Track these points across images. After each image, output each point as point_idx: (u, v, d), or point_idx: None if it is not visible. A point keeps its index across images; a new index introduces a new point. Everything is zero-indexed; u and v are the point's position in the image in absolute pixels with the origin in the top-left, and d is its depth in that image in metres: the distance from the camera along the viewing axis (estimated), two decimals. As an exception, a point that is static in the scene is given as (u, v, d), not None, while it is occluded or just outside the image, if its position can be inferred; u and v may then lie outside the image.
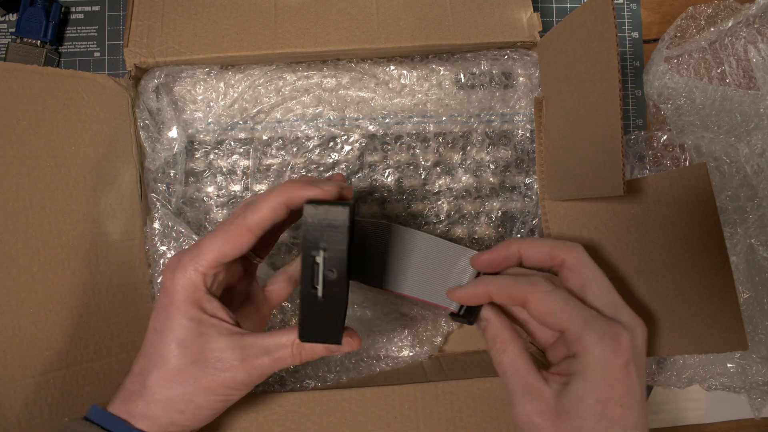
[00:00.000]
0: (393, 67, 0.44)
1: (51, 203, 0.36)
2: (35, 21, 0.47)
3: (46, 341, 0.35)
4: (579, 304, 0.30)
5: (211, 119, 0.43)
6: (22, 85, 0.36)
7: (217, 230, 0.31)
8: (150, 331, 0.32)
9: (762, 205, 0.47)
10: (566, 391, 0.29)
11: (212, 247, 0.30)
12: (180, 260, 0.31)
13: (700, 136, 0.49)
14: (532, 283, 0.31)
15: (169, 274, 0.31)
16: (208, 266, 0.31)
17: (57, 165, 0.37)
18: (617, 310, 0.31)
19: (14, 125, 0.35)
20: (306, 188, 0.31)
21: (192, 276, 0.31)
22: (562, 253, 0.33)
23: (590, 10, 0.35)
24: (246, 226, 0.30)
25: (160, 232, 0.41)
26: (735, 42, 0.50)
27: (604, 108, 0.34)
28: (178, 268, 0.31)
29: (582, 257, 0.33)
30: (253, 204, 0.31)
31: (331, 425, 0.38)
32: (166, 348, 0.30)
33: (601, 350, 0.29)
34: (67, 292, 0.37)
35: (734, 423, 0.53)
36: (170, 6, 0.42)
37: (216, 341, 0.31)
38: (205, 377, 0.30)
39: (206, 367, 0.30)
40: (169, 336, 0.30)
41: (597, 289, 0.32)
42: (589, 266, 0.33)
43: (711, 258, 0.38)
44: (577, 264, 0.32)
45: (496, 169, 0.45)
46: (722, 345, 0.37)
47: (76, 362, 0.37)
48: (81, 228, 0.38)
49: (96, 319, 0.38)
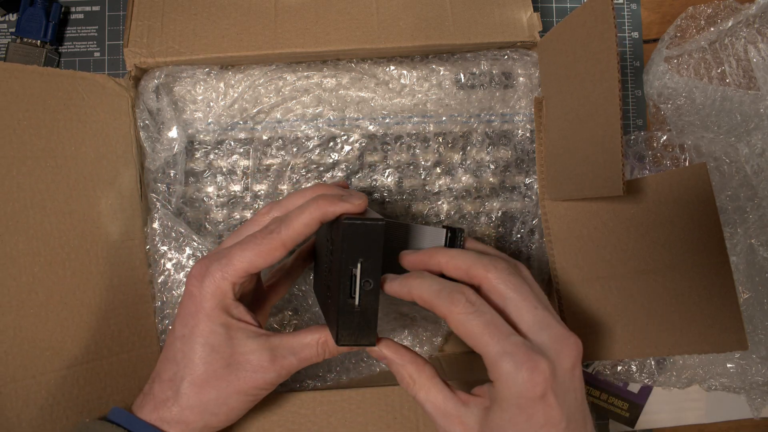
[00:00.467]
0: (393, 67, 0.44)
1: (51, 203, 0.36)
2: (35, 21, 0.47)
3: (47, 342, 0.35)
4: (498, 329, 0.29)
5: (211, 119, 0.43)
6: (23, 86, 0.36)
7: (249, 242, 0.31)
8: (178, 339, 0.32)
9: (762, 205, 0.47)
10: (487, 420, 0.29)
11: (243, 257, 0.31)
12: (208, 268, 0.31)
13: (700, 136, 0.49)
14: (452, 302, 0.29)
15: (197, 282, 0.31)
16: (237, 276, 0.31)
17: (57, 165, 0.37)
18: (542, 330, 0.29)
19: (15, 125, 0.35)
20: (338, 204, 0.31)
21: (221, 284, 0.31)
22: (479, 273, 0.31)
23: (590, 10, 0.35)
24: (281, 241, 0.31)
25: (160, 232, 0.41)
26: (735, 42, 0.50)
27: (603, 108, 0.34)
28: (207, 276, 0.31)
29: (500, 278, 0.30)
30: (288, 220, 0.31)
31: (331, 425, 0.38)
32: (198, 354, 0.31)
33: (516, 381, 0.27)
34: (68, 293, 0.37)
35: (734, 423, 0.53)
36: (170, 6, 0.42)
37: (245, 344, 0.32)
38: (238, 380, 0.31)
39: (238, 370, 0.31)
40: (199, 342, 0.31)
41: (518, 309, 0.30)
42: (509, 285, 0.30)
43: (711, 258, 0.38)
44: (494, 285, 0.30)
45: (496, 169, 0.45)
46: (722, 345, 0.37)
47: (77, 362, 0.37)
48: (81, 228, 0.38)
49: (96, 319, 0.38)
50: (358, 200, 0.31)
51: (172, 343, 0.32)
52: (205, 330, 0.31)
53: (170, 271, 0.41)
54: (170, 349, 0.32)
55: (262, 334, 0.32)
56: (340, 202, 0.31)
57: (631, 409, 0.52)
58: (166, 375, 0.32)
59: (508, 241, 0.46)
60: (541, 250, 0.46)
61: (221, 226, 0.44)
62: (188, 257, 0.41)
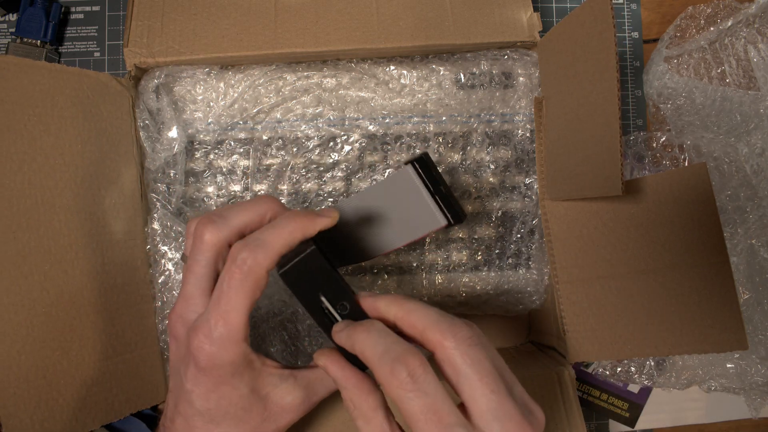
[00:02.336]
0: (393, 67, 0.44)
1: (60, 201, 0.36)
2: (35, 21, 0.47)
3: (57, 342, 0.35)
4: (439, 417, 0.25)
5: (211, 119, 0.43)
6: (32, 81, 0.35)
7: (233, 287, 0.28)
8: (202, 414, 0.29)
9: (762, 205, 0.47)
10: None
11: (239, 306, 0.28)
12: (209, 337, 0.28)
13: (700, 136, 0.49)
14: (393, 372, 0.25)
15: (203, 352, 0.28)
16: (245, 333, 0.28)
17: (65, 163, 0.37)
18: (496, 421, 0.25)
19: (26, 121, 0.35)
20: (317, 220, 0.29)
21: (237, 348, 0.28)
22: (434, 338, 0.26)
23: (589, 10, 0.35)
24: (263, 269, 0.28)
25: (160, 233, 0.41)
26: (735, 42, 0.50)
27: (603, 108, 0.34)
28: (214, 344, 0.28)
29: (457, 349, 0.26)
30: (263, 245, 0.28)
31: (331, 425, 0.38)
32: (232, 425, 0.29)
33: None
34: (77, 292, 0.37)
35: (734, 423, 0.53)
36: (170, 6, 0.42)
37: (275, 393, 0.30)
38: (277, 426, 0.30)
39: (277, 420, 0.30)
40: (230, 413, 0.29)
41: (472, 390, 0.25)
42: (467, 359, 0.26)
43: (711, 258, 0.38)
44: (450, 357, 0.26)
45: (496, 169, 0.45)
46: (722, 345, 0.37)
47: (85, 363, 0.37)
48: (88, 227, 0.38)
49: (102, 319, 0.38)
50: (332, 213, 0.30)
51: (193, 417, 0.29)
52: (233, 400, 0.29)
53: (170, 271, 0.41)
54: (193, 423, 0.29)
55: (287, 375, 0.30)
56: (319, 218, 0.29)
57: (631, 409, 0.52)
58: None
59: (508, 241, 0.46)
60: (541, 250, 0.46)
61: (221, 226, 0.44)
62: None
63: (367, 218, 0.34)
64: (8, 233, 0.33)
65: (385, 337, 0.27)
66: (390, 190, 0.33)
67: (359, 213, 0.34)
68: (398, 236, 0.34)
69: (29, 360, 0.34)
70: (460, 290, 0.46)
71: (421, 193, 0.32)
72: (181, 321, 0.30)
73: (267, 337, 0.43)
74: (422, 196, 0.32)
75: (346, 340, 0.28)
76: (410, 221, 0.33)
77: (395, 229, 0.34)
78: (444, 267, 0.45)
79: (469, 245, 0.45)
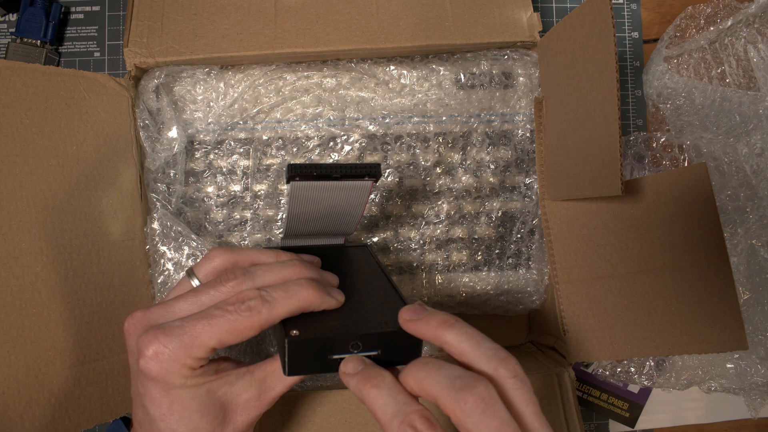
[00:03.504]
0: (393, 67, 0.44)
1: (54, 202, 0.36)
2: (35, 21, 0.47)
3: (50, 342, 0.35)
4: None
5: (211, 119, 0.43)
6: (25, 84, 0.36)
7: (219, 316, 0.28)
8: (157, 419, 0.28)
9: (762, 205, 0.47)
10: None
11: (212, 335, 0.28)
12: (165, 347, 0.27)
13: (699, 136, 0.49)
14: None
15: (154, 363, 0.27)
16: (204, 353, 0.28)
17: (59, 164, 0.37)
18: None
19: (18, 124, 0.35)
20: (326, 299, 0.30)
21: (187, 362, 0.28)
22: (448, 405, 0.25)
23: (588, 9, 0.35)
24: (259, 322, 0.28)
25: (159, 233, 0.41)
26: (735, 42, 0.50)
27: (602, 108, 0.34)
28: (165, 355, 0.27)
29: (467, 417, 0.24)
30: (274, 301, 0.28)
31: (331, 425, 0.38)
32: (189, 426, 0.29)
33: None
34: (70, 292, 0.37)
35: (734, 423, 0.53)
36: (170, 6, 0.42)
37: (231, 391, 0.30)
38: (236, 428, 0.30)
39: (233, 419, 0.30)
40: (185, 416, 0.28)
41: None
42: (478, 429, 0.24)
43: (711, 258, 0.38)
44: (461, 424, 0.25)
45: (496, 169, 0.45)
46: (722, 345, 0.37)
47: (79, 363, 0.37)
48: (83, 228, 0.38)
49: (98, 319, 0.38)
50: (340, 296, 0.31)
51: (152, 422, 0.29)
52: (185, 402, 0.28)
53: (170, 271, 0.41)
54: (152, 427, 0.29)
55: (244, 372, 0.30)
56: (327, 297, 0.30)
57: (631, 409, 0.52)
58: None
59: (508, 241, 0.46)
60: (541, 250, 0.46)
61: (221, 226, 0.44)
62: (188, 257, 0.41)
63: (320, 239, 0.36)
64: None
65: (395, 396, 0.26)
66: (311, 202, 0.34)
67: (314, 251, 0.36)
68: (351, 211, 0.36)
69: (20, 360, 0.34)
70: (460, 290, 0.46)
71: (327, 186, 0.33)
72: (147, 324, 0.30)
73: (267, 337, 0.43)
74: (330, 185, 0.33)
75: (356, 391, 0.28)
76: (346, 207, 0.35)
77: (344, 219, 0.36)
78: (444, 267, 0.45)
79: (469, 245, 0.45)
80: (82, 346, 0.37)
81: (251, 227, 0.44)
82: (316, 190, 0.33)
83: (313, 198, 0.34)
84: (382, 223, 0.45)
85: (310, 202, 0.34)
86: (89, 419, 0.36)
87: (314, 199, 0.34)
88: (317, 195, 0.34)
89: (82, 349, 0.37)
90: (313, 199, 0.34)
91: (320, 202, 0.34)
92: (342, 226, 0.38)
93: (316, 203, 0.34)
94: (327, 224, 0.37)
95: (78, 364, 0.37)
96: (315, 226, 0.37)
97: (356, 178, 0.33)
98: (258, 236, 0.44)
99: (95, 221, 0.39)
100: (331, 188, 0.34)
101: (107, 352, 0.38)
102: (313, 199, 0.34)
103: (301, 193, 0.33)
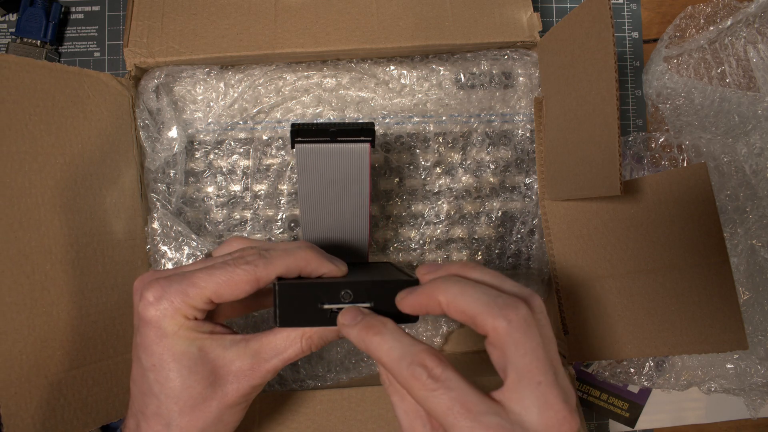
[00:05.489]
0: (393, 67, 0.44)
1: (61, 200, 0.36)
2: (35, 21, 0.47)
3: (59, 341, 0.35)
4: (466, 408, 0.25)
5: (211, 119, 0.43)
6: (33, 80, 0.35)
7: (218, 268, 0.29)
8: (148, 370, 0.29)
9: (762, 205, 0.47)
10: None
11: (209, 284, 0.28)
12: (165, 290, 0.28)
13: (698, 136, 0.49)
14: (414, 376, 0.25)
15: (152, 306, 0.28)
16: (200, 303, 0.29)
17: (66, 162, 0.37)
18: (534, 408, 0.25)
19: (26, 120, 0.35)
20: (325, 263, 0.30)
21: (182, 308, 0.28)
22: (487, 324, 0.25)
23: (587, 9, 0.35)
24: (255, 275, 0.28)
25: (160, 232, 0.41)
26: (735, 42, 0.50)
27: (601, 108, 0.34)
28: (163, 299, 0.28)
29: (509, 335, 0.25)
30: (270, 257, 0.29)
31: (330, 425, 0.38)
32: (177, 382, 0.29)
33: None
34: (77, 291, 0.37)
35: (734, 423, 0.53)
36: (170, 6, 0.42)
37: (224, 356, 0.29)
38: (225, 395, 0.30)
39: (224, 385, 0.30)
40: (174, 369, 0.29)
41: (518, 382, 0.25)
42: (520, 349, 0.25)
43: (711, 258, 0.38)
44: (501, 341, 0.25)
45: (496, 169, 0.45)
46: (722, 345, 0.37)
47: (86, 362, 0.37)
48: (89, 226, 0.38)
49: (103, 318, 0.38)
50: (342, 266, 0.31)
51: (143, 376, 0.29)
52: (176, 354, 0.29)
53: (170, 270, 0.41)
54: (143, 382, 0.29)
55: (239, 340, 0.30)
56: (327, 262, 0.30)
57: (631, 409, 0.52)
58: (149, 410, 0.29)
59: (508, 241, 0.46)
60: (541, 250, 0.46)
61: (221, 226, 0.44)
62: (188, 257, 0.41)
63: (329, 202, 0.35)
64: (10, 232, 0.33)
65: (399, 340, 0.27)
66: (318, 174, 0.34)
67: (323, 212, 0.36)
68: (358, 189, 0.35)
69: (30, 360, 0.34)
70: (460, 290, 0.46)
71: (326, 149, 0.33)
72: (153, 278, 0.30)
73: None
74: (331, 149, 0.33)
75: (358, 341, 0.28)
76: (350, 173, 0.34)
77: (350, 189, 0.35)
78: (444, 267, 0.45)
79: (469, 245, 0.46)
80: (89, 346, 0.37)
81: (251, 227, 0.44)
82: (319, 157, 0.33)
83: (318, 168, 0.34)
84: (382, 223, 0.45)
85: (317, 174, 0.34)
86: (96, 419, 0.36)
87: (319, 169, 0.34)
88: (322, 164, 0.34)
89: (89, 349, 0.37)
90: (317, 169, 0.34)
91: (326, 175, 0.34)
92: (353, 203, 0.36)
93: (322, 175, 0.34)
94: (339, 204, 0.36)
95: (85, 364, 0.37)
96: (328, 211, 0.36)
97: (353, 136, 0.33)
98: (258, 236, 0.44)
99: (100, 220, 0.39)
100: (333, 153, 0.33)
101: (112, 352, 0.38)
102: (318, 170, 0.34)
103: (307, 162, 0.34)
